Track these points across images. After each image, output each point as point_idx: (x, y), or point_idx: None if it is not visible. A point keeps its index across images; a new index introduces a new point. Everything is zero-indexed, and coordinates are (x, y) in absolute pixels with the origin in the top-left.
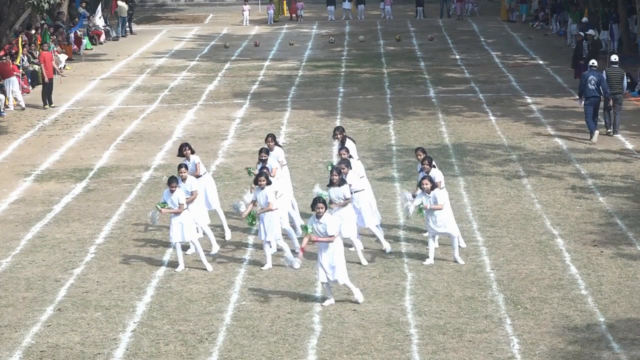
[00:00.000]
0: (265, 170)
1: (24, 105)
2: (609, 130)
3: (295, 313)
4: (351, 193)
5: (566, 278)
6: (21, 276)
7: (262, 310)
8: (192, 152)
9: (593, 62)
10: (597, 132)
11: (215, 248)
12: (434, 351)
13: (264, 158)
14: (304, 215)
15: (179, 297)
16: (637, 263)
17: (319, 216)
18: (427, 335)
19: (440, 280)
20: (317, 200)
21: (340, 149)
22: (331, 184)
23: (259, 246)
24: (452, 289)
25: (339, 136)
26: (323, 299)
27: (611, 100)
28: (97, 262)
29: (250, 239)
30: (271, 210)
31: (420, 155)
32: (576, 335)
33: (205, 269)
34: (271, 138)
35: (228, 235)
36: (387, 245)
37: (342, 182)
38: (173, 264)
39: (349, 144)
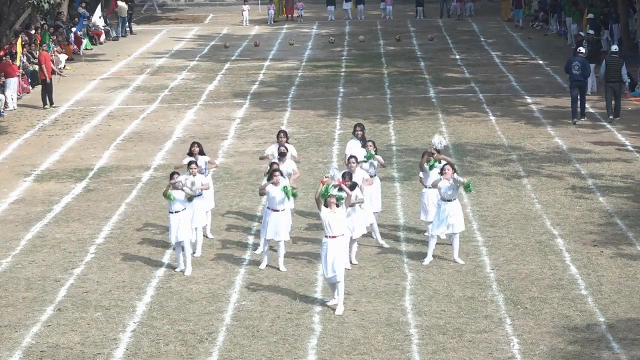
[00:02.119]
0: (279, 167)
1: (12, 107)
2: (610, 117)
3: (295, 313)
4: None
5: (566, 278)
6: (21, 276)
7: (262, 310)
8: (201, 153)
9: (580, 49)
10: (583, 119)
11: (199, 252)
12: (434, 351)
13: (283, 151)
14: (302, 214)
15: (179, 297)
16: (637, 263)
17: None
18: (427, 335)
19: (440, 280)
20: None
21: (363, 145)
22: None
23: (259, 246)
24: (452, 289)
25: (359, 133)
26: (325, 300)
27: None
28: (97, 262)
29: (250, 239)
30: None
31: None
32: (576, 335)
33: (183, 272)
34: (283, 134)
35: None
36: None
37: (353, 186)
38: (173, 264)
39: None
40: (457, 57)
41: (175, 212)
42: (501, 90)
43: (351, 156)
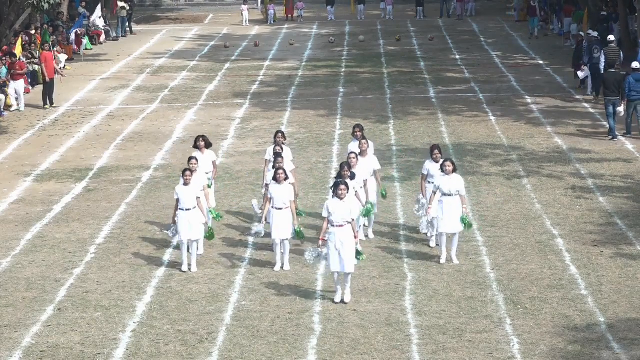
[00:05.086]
0: (282, 165)
1: (22, 108)
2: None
3: (295, 313)
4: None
5: (566, 278)
6: (21, 276)
7: (262, 310)
8: (207, 146)
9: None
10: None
11: (201, 250)
12: (434, 351)
13: (279, 151)
14: (302, 214)
15: (179, 297)
16: (637, 263)
17: (341, 198)
18: (427, 335)
19: (440, 280)
20: (340, 183)
21: (360, 140)
22: (341, 178)
23: (259, 246)
24: (452, 289)
25: (358, 133)
26: (325, 299)
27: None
28: (97, 262)
29: (250, 239)
30: (290, 207)
31: (437, 154)
32: (576, 335)
33: (190, 269)
34: (281, 135)
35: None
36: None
37: (353, 176)
38: (173, 264)
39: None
40: (457, 57)
41: (187, 209)
42: (501, 90)
43: (351, 152)
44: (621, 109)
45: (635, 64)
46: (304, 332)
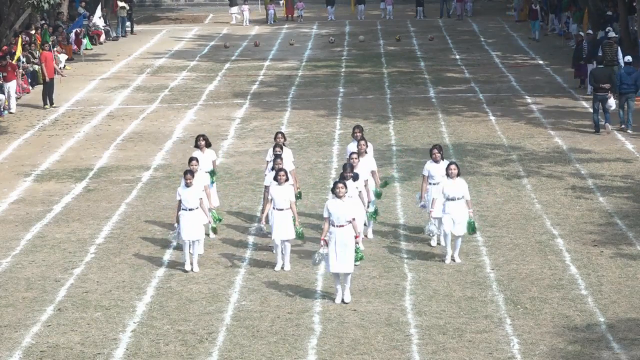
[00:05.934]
0: (282, 166)
1: (14, 110)
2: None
3: (295, 313)
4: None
5: (566, 278)
6: (21, 276)
7: (262, 310)
8: (208, 145)
9: (628, 58)
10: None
11: (201, 250)
12: (434, 351)
13: (278, 153)
14: (302, 214)
15: (179, 297)
16: (637, 263)
17: (339, 197)
18: (427, 335)
19: (440, 280)
20: (338, 182)
21: (359, 141)
22: (344, 179)
23: (259, 246)
24: (452, 289)
25: (357, 134)
26: (325, 299)
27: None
28: (97, 262)
29: (250, 239)
30: (291, 208)
31: (436, 154)
32: (576, 335)
33: (192, 269)
34: (281, 135)
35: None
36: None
37: (356, 176)
38: (173, 264)
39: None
40: (457, 57)
41: (189, 209)
42: (501, 90)
43: (352, 152)
44: (612, 101)
45: (627, 58)
46: (304, 332)
